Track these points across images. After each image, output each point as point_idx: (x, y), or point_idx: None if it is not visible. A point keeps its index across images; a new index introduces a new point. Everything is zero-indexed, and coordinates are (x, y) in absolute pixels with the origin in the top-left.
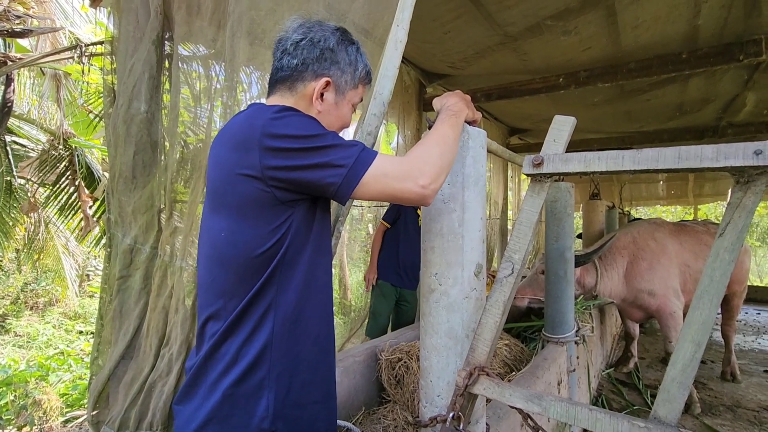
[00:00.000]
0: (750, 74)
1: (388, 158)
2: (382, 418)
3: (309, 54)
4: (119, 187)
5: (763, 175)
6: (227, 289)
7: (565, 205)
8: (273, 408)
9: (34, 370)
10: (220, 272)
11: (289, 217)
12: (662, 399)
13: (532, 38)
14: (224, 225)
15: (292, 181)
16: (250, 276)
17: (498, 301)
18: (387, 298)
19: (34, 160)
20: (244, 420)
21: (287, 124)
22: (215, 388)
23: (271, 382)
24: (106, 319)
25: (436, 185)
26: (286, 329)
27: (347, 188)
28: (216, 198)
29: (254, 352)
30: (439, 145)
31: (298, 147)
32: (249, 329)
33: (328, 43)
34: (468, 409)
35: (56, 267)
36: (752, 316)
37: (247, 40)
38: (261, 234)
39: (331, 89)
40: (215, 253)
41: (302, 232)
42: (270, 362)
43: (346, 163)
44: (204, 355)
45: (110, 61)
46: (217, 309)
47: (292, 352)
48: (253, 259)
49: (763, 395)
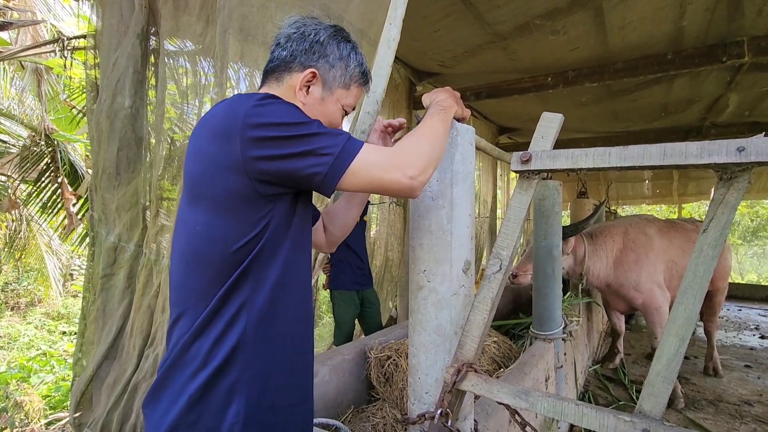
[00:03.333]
0: (732, 76)
1: (376, 148)
2: (371, 416)
3: (298, 46)
4: (103, 184)
5: (745, 171)
6: (199, 287)
7: (553, 203)
8: (244, 413)
9: (15, 372)
10: (194, 269)
11: (269, 212)
12: (647, 393)
13: (521, 37)
14: (201, 219)
15: (275, 172)
16: (223, 274)
17: (486, 297)
18: (349, 306)
19: (14, 156)
20: (212, 426)
21: (269, 111)
22: (183, 391)
23: (242, 385)
24: (89, 319)
25: (424, 177)
26: (260, 329)
27: (333, 179)
28: (193, 190)
29: (224, 353)
30: (428, 138)
31: (280, 135)
32: (220, 329)
33: (319, 36)
34: (456, 405)
35: (39, 266)
36: (734, 312)
37: (239, 36)
38: (239, 229)
39: (318, 83)
40: (189, 249)
41: (281, 228)
42: (242, 364)
43: (331, 152)
44: (172, 357)
45: (93, 56)
46: (188, 308)
47: (265, 353)
48: (229, 255)
49: (744, 389)
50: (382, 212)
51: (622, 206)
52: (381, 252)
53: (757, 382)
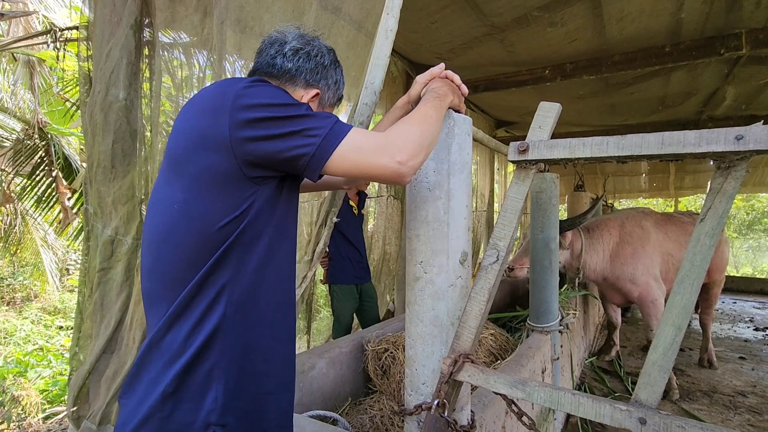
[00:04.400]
0: (730, 68)
1: (365, 132)
2: (369, 408)
3: (305, 64)
4: (98, 177)
5: (743, 160)
6: (173, 271)
7: (550, 195)
8: (222, 400)
9: (12, 366)
10: (168, 251)
11: (252, 194)
12: (643, 382)
13: (519, 29)
14: (180, 197)
15: (262, 152)
16: (200, 256)
17: (483, 288)
18: (348, 300)
19: (8, 150)
20: (189, 414)
21: (259, 92)
22: (159, 379)
23: (220, 371)
24: (86, 313)
25: (414, 162)
26: (239, 314)
27: (319, 161)
28: (175, 168)
29: (202, 338)
30: (420, 124)
31: (269, 116)
32: (198, 314)
33: (323, 60)
34: (453, 396)
35: (35, 261)
36: (728, 305)
37: (236, 27)
38: (220, 209)
39: (316, 101)
40: (164, 229)
41: (265, 212)
42: (220, 350)
43: (319, 134)
44: (148, 345)
45: (86, 47)
46: (162, 293)
47: (243, 339)
48: (207, 236)
49: (738, 381)
50: (380, 206)
51: (618, 200)
52: (379, 246)
53: (751, 373)
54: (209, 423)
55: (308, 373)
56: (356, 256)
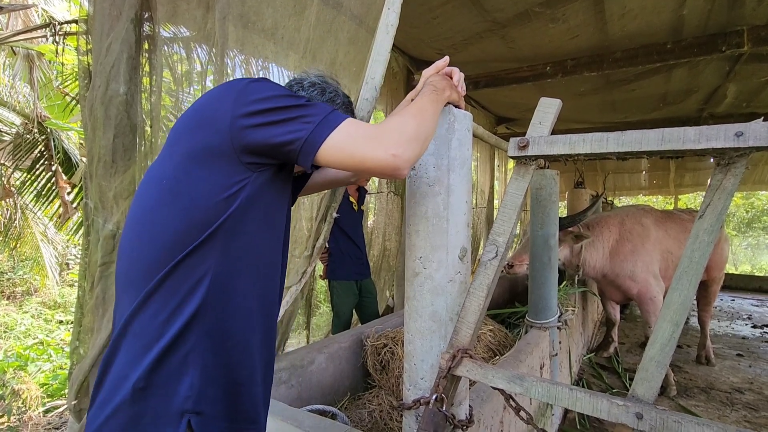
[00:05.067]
0: (732, 66)
1: (360, 123)
2: (368, 403)
3: (317, 96)
4: (99, 172)
5: (743, 157)
6: (153, 252)
7: (550, 192)
8: (198, 386)
9: (12, 360)
10: (150, 229)
11: (244, 179)
12: (640, 378)
13: (520, 25)
14: (170, 173)
15: (258, 138)
16: (183, 237)
17: (482, 284)
18: (348, 296)
19: (7, 144)
20: (165, 401)
21: (262, 87)
22: (134, 364)
23: (197, 356)
24: (87, 308)
25: (409, 155)
26: (218, 301)
27: (311, 146)
28: (169, 146)
29: (181, 323)
30: (416, 117)
31: (269, 107)
32: (178, 299)
33: (336, 98)
34: (451, 391)
35: (35, 255)
36: (726, 302)
37: (238, 23)
38: (208, 188)
39: None
40: (149, 205)
41: (255, 201)
42: (197, 335)
43: (312, 121)
44: (122, 327)
45: (86, 41)
46: (139, 274)
47: (221, 326)
48: (192, 215)
49: (735, 377)
50: (380, 202)
51: (618, 197)
52: (379, 242)
53: (748, 370)
54: (185, 410)
55: (307, 368)
56: (356, 252)
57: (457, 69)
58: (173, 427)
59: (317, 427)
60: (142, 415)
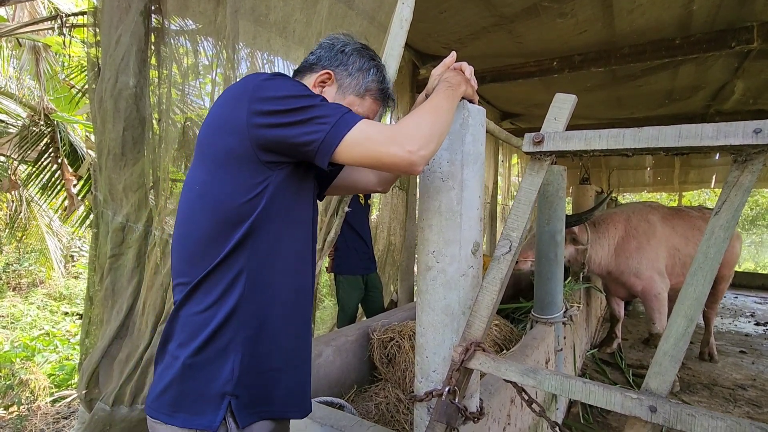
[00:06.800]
0: (740, 62)
1: (375, 123)
2: (374, 396)
3: (325, 53)
4: (108, 165)
5: (761, 154)
6: (193, 249)
7: (557, 188)
8: (238, 371)
9: (19, 351)
10: (190, 229)
11: (266, 178)
12: (654, 372)
13: (527, 20)
14: (201, 178)
15: (274, 138)
16: (217, 235)
17: (495, 278)
18: (354, 290)
19: (13, 136)
20: (208, 383)
21: (276, 85)
22: (181, 350)
23: (237, 345)
24: (96, 299)
25: (425, 152)
26: (255, 293)
27: (328, 147)
28: (200, 152)
29: (223, 314)
30: (431, 114)
31: (283, 108)
32: (219, 292)
33: (345, 48)
34: (463, 383)
35: (40, 247)
36: (730, 299)
37: (251, 17)
38: (234, 191)
39: (332, 85)
40: (187, 210)
41: (279, 197)
42: (237, 325)
43: (328, 122)
44: (171, 316)
45: (93, 33)
46: (184, 269)
47: (258, 316)
48: (222, 216)
49: (738, 374)
50: (384, 196)
51: (622, 194)
52: (384, 236)
53: (751, 367)
54: (225, 392)
55: (315, 361)
56: (362, 246)
57: (467, 63)
58: (215, 406)
59: (327, 418)
60: (188, 392)
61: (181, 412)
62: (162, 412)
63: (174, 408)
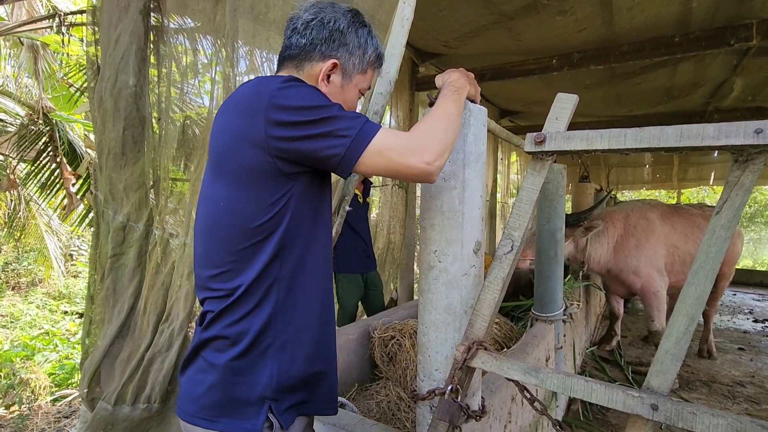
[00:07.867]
0: (739, 59)
1: (393, 132)
2: (375, 394)
3: (318, 34)
4: (109, 164)
5: (762, 153)
6: (225, 262)
7: (557, 186)
8: (277, 377)
9: (19, 350)
10: (217, 244)
11: (289, 189)
12: (655, 370)
13: (527, 18)
14: (224, 194)
15: (295, 151)
16: (249, 249)
17: (497, 277)
18: (354, 288)
19: (12, 135)
20: (247, 389)
21: (293, 94)
22: (218, 358)
23: (275, 351)
24: (97, 299)
25: (440, 162)
26: (288, 300)
27: (350, 160)
28: (218, 166)
29: (259, 324)
30: (443, 122)
31: (302, 120)
32: (254, 303)
33: (338, 24)
34: (466, 382)
35: (39, 246)
36: (728, 297)
37: (250, 15)
38: (261, 205)
39: (338, 71)
40: (212, 224)
41: (302, 205)
42: (274, 333)
43: (349, 134)
44: (204, 328)
45: (92, 32)
46: (216, 283)
47: (293, 322)
48: (250, 230)
49: (736, 371)
50: (384, 195)
51: (621, 191)
52: (383, 235)
53: (749, 364)
54: (265, 397)
55: None
56: (361, 244)
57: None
58: (256, 410)
59: (329, 416)
60: (229, 398)
61: (223, 417)
62: (201, 416)
63: (215, 413)
